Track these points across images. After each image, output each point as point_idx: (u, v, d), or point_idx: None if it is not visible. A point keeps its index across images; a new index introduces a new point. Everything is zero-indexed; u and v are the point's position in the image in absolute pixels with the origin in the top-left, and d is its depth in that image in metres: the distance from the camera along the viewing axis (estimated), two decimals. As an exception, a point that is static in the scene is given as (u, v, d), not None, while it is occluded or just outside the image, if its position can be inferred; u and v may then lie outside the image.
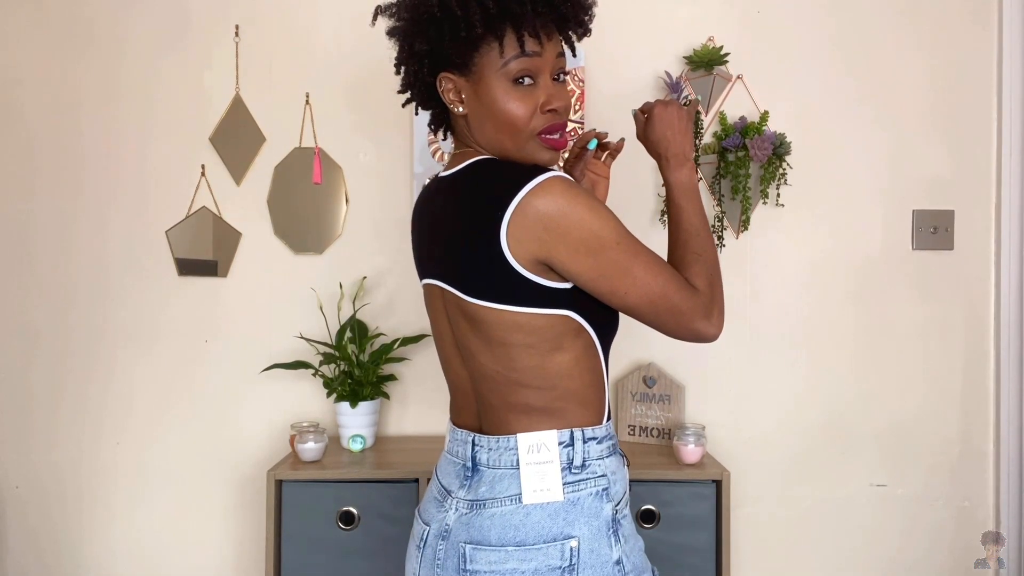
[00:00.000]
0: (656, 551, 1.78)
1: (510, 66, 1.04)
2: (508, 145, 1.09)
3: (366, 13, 2.12)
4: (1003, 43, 2.09)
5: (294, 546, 1.80)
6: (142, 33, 2.10)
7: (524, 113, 1.06)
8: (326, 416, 2.09)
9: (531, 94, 1.06)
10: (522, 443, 1.08)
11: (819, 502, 2.13)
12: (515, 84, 1.05)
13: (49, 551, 2.14)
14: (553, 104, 1.06)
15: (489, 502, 1.08)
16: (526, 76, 1.05)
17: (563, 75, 1.11)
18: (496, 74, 1.05)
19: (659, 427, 2.04)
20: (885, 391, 2.13)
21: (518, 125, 1.06)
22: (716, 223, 2.07)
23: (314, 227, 2.12)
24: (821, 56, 2.11)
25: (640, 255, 1.06)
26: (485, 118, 1.08)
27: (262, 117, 2.10)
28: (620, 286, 1.06)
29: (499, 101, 1.06)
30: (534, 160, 1.09)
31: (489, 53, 1.05)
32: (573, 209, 1.02)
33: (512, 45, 1.04)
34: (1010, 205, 2.10)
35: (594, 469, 1.09)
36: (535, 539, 1.05)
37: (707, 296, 1.10)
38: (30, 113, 2.11)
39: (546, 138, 1.08)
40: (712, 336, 1.11)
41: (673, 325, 1.10)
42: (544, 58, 1.06)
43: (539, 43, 1.05)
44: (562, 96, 1.09)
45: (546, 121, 1.07)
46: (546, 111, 1.07)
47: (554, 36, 1.08)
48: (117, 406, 2.13)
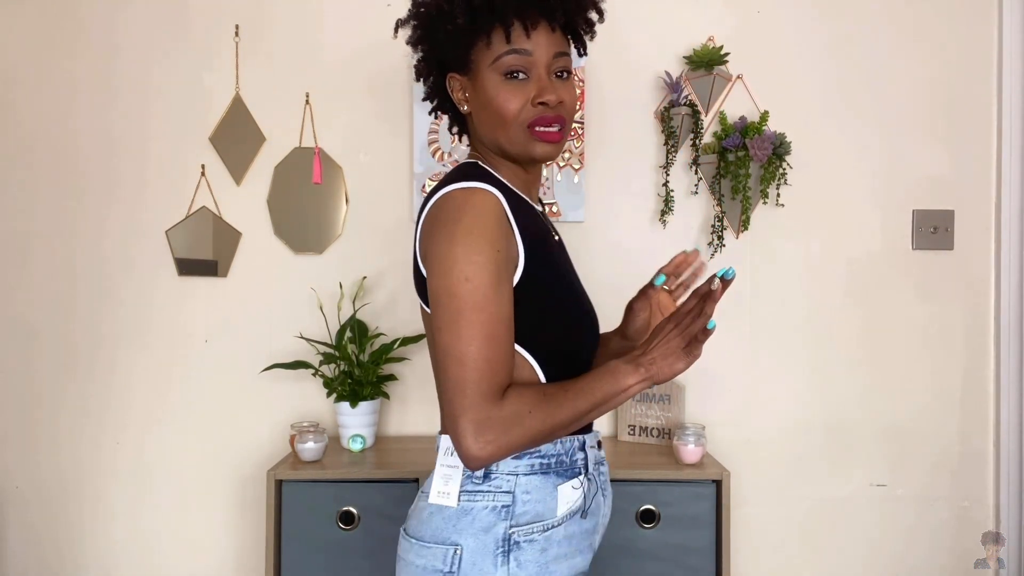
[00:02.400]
0: (656, 551, 1.79)
1: (500, 61, 1.06)
2: (502, 139, 1.09)
3: (366, 13, 2.14)
4: (1003, 43, 2.10)
5: (294, 546, 1.80)
6: (142, 33, 2.10)
7: (514, 106, 1.06)
8: (326, 416, 2.09)
9: (522, 88, 1.07)
10: (442, 444, 1.10)
11: (819, 502, 2.13)
12: (507, 78, 1.07)
13: (49, 551, 2.14)
14: (544, 97, 1.06)
15: (420, 495, 1.12)
16: (518, 71, 1.06)
17: (566, 73, 1.10)
18: (489, 69, 1.07)
19: (659, 427, 2.04)
20: (885, 391, 2.13)
21: (507, 117, 1.07)
22: (716, 223, 2.07)
23: (314, 227, 2.12)
24: (821, 56, 2.11)
25: (480, 311, 0.96)
26: (482, 113, 1.10)
27: (262, 117, 2.10)
28: (442, 324, 0.98)
29: (491, 95, 1.07)
30: (529, 154, 1.09)
31: (483, 50, 1.07)
32: (452, 226, 0.99)
33: (500, 40, 1.05)
34: (1010, 205, 2.10)
35: (499, 484, 1.05)
36: (430, 538, 1.06)
37: (503, 421, 0.95)
38: (29, 113, 2.11)
39: (536, 130, 1.07)
40: (465, 453, 0.95)
41: (447, 408, 0.99)
42: (536, 55, 1.06)
43: (528, 38, 1.05)
44: (560, 92, 1.08)
45: (536, 113, 1.07)
46: (536, 104, 1.06)
47: (551, 32, 1.08)
48: (117, 406, 2.13)
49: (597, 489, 1.13)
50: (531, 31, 1.05)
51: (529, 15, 1.05)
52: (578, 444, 1.12)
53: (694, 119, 2.05)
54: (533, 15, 1.05)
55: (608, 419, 2.10)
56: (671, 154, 2.07)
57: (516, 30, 1.05)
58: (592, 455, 1.14)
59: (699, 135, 2.06)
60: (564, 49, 1.10)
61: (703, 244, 2.11)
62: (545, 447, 1.07)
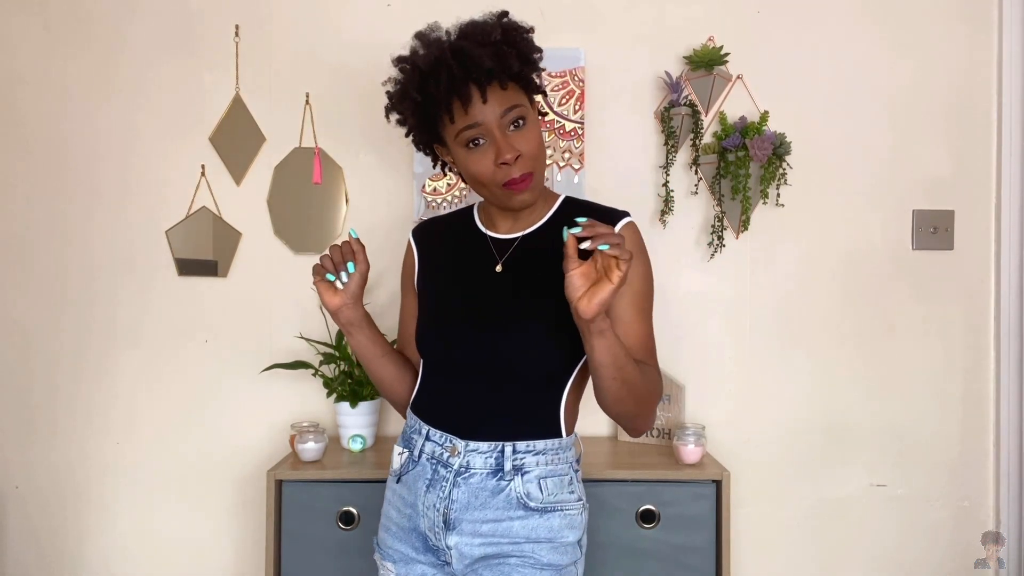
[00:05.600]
0: (656, 551, 1.79)
1: (459, 136, 1.19)
2: (485, 194, 1.26)
3: (366, 13, 2.14)
4: (1003, 43, 2.10)
5: (294, 546, 1.80)
6: (142, 33, 2.10)
7: (484, 170, 1.20)
8: (326, 416, 2.09)
9: (485, 153, 1.19)
10: None
11: (819, 502, 2.14)
12: (469, 148, 1.20)
13: (49, 551, 2.14)
14: (502, 158, 1.17)
15: None
16: (475, 139, 1.19)
17: (521, 121, 1.19)
18: (454, 143, 1.22)
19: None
20: (885, 391, 2.13)
21: (483, 181, 1.21)
22: (716, 223, 2.07)
23: (314, 227, 2.12)
24: (821, 56, 2.11)
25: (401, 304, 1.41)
26: (465, 177, 1.26)
27: (262, 117, 2.10)
28: None
29: (463, 164, 1.23)
30: (508, 206, 1.25)
31: (445, 128, 1.21)
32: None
33: (449, 121, 1.19)
34: (1010, 205, 2.10)
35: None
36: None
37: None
38: (28, 112, 2.11)
39: (508, 186, 1.20)
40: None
41: None
42: (485, 120, 1.17)
43: (467, 112, 1.16)
44: (517, 144, 1.18)
45: (505, 175, 1.19)
46: (499, 165, 1.18)
47: (497, 91, 1.17)
48: (117, 406, 2.13)
49: (414, 469, 1.31)
50: (468, 106, 1.16)
51: (462, 92, 1.15)
52: (419, 428, 1.31)
53: (694, 119, 2.05)
54: (465, 91, 1.15)
55: (608, 419, 2.10)
56: (671, 154, 2.07)
57: (457, 110, 1.17)
58: (430, 448, 1.29)
59: (699, 135, 2.06)
60: (510, 104, 1.18)
61: (703, 244, 2.11)
62: (401, 441, 1.36)
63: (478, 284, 1.30)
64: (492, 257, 1.32)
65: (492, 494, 1.24)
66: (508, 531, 1.23)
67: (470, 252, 1.34)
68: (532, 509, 1.23)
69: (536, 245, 1.29)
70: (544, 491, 1.24)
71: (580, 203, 1.35)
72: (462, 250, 1.36)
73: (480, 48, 1.15)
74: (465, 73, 1.14)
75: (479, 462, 1.24)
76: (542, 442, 1.25)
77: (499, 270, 1.29)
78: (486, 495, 1.24)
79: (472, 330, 1.26)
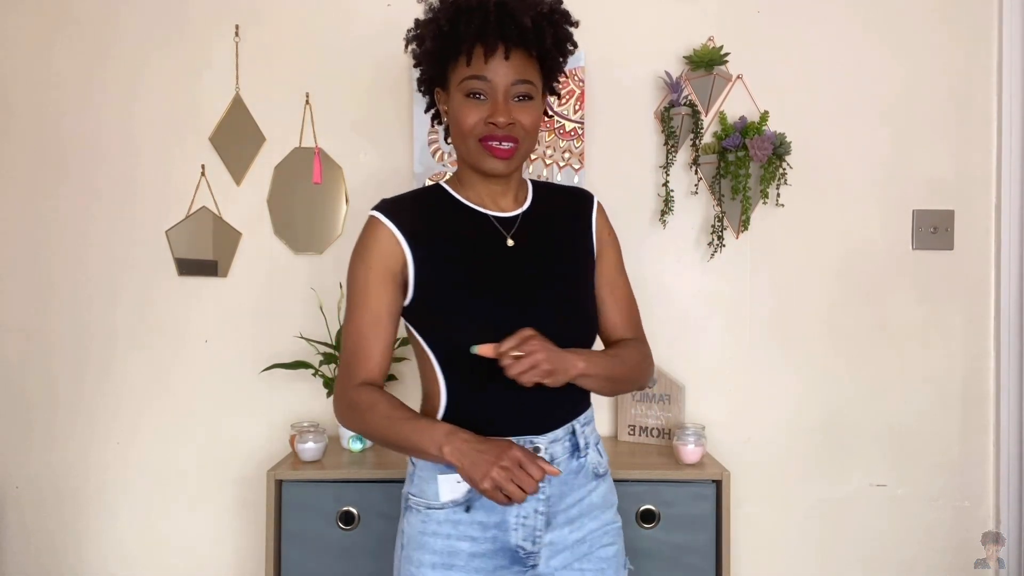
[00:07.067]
0: (656, 551, 1.79)
1: (464, 83, 1.19)
2: (461, 150, 1.25)
3: (366, 13, 2.14)
4: (1003, 43, 2.10)
5: (294, 546, 1.80)
6: (142, 33, 2.10)
7: (471, 121, 1.20)
8: (326, 416, 2.09)
9: (480, 107, 1.19)
10: None
11: (819, 502, 2.13)
12: (468, 98, 1.20)
13: (49, 551, 2.14)
14: (494, 118, 1.18)
15: None
16: (479, 93, 1.19)
17: (526, 98, 1.20)
18: (456, 88, 1.21)
19: (659, 427, 2.04)
20: (885, 391, 2.13)
21: (464, 131, 1.21)
22: (716, 223, 2.07)
23: (314, 227, 2.12)
24: (821, 56, 2.11)
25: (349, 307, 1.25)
26: (451, 125, 1.25)
27: (262, 117, 2.10)
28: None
29: (455, 110, 1.22)
30: (479, 167, 1.23)
31: (455, 70, 1.21)
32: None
33: (464, 64, 1.19)
34: (1010, 205, 2.10)
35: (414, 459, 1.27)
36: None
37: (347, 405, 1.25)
38: (28, 112, 2.11)
39: (487, 144, 1.20)
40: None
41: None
42: (495, 80, 1.18)
43: (486, 64, 1.17)
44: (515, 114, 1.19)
45: (488, 130, 1.19)
46: (488, 123, 1.19)
47: (520, 57, 1.18)
48: (117, 406, 2.13)
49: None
50: (489, 58, 1.17)
51: (488, 41, 1.16)
52: None
53: (694, 119, 2.05)
54: (491, 41, 1.16)
55: (608, 419, 2.10)
56: (671, 154, 2.07)
57: (476, 56, 1.17)
58: None
59: (699, 135, 2.06)
60: (526, 77, 1.20)
61: (703, 244, 2.11)
62: None
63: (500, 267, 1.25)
64: (500, 236, 1.27)
65: (575, 474, 1.27)
66: (590, 507, 1.28)
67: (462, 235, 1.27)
68: (599, 476, 1.32)
69: (534, 221, 1.30)
70: (603, 455, 1.34)
71: (547, 185, 1.39)
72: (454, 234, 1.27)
73: (524, 10, 1.16)
74: (500, 25, 1.15)
75: (559, 449, 1.26)
76: (588, 411, 1.33)
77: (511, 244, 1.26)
78: (570, 477, 1.27)
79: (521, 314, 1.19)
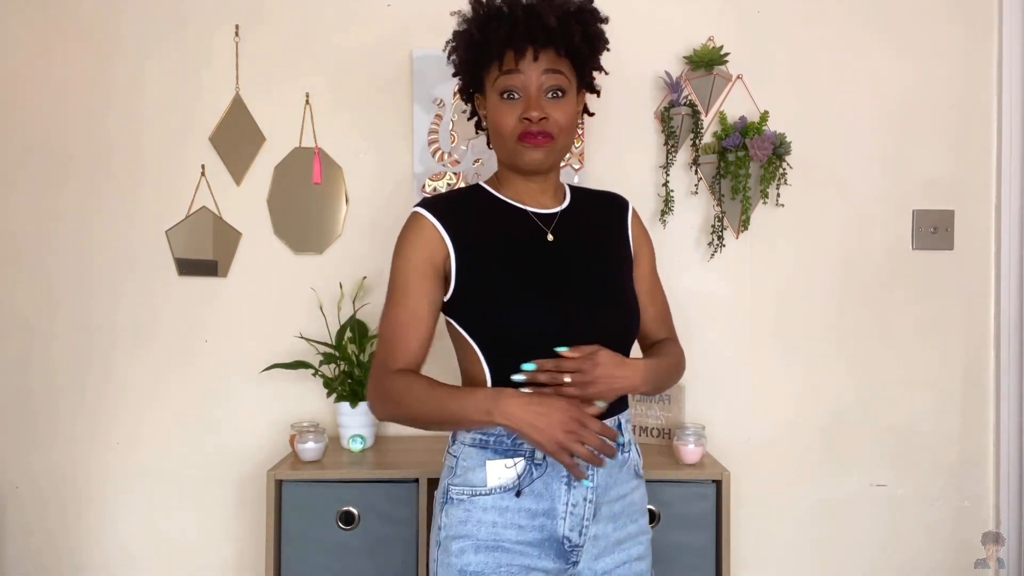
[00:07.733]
0: (656, 551, 1.78)
1: (498, 83, 1.23)
2: (500, 150, 1.29)
3: (366, 13, 2.14)
4: (1003, 43, 2.10)
5: (294, 546, 1.80)
6: (141, 33, 2.10)
7: (508, 121, 1.23)
8: (326, 416, 2.09)
9: (515, 107, 1.22)
10: None
11: (819, 502, 2.13)
12: (503, 99, 1.23)
13: (49, 551, 2.14)
14: (527, 113, 1.21)
15: None
16: (512, 92, 1.22)
17: (559, 92, 1.23)
18: (492, 90, 1.25)
19: (659, 427, 2.04)
20: (885, 391, 2.13)
21: (503, 131, 1.24)
22: (716, 223, 2.07)
23: (314, 227, 2.12)
24: (821, 56, 2.11)
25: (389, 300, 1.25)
26: (490, 128, 1.29)
27: (262, 117, 2.10)
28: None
29: (493, 112, 1.26)
30: (519, 161, 1.26)
31: (489, 75, 1.25)
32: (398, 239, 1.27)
33: (496, 68, 1.23)
34: (1010, 205, 2.10)
35: (454, 450, 1.26)
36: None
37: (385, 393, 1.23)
38: (28, 112, 2.11)
39: (523, 139, 1.23)
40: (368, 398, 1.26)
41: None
42: (527, 77, 1.21)
43: (517, 64, 1.20)
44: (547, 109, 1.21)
45: (523, 127, 1.22)
46: (522, 119, 1.22)
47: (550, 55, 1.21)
48: (117, 406, 2.13)
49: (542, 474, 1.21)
50: (520, 59, 1.20)
51: (517, 44, 1.19)
52: None
53: (694, 119, 2.05)
54: (520, 43, 1.19)
55: (608, 419, 2.10)
56: (671, 154, 2.07)
57: (508, 59, 1.21)
58: None
59: (699, 135, 2.06)
60: (559, 70, 1.22)
61: (703, 244, 2.11)
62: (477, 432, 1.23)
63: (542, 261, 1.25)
64: (540, 231, 1.28)
65: (619, 467, 1.27)
66: (631, 507, 1.29)
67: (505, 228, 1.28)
68: (639, 476, 1.32)
69: (573, 220, 1.33)
70: (641, 457, 1.34)
71: (583, 189, 1.43)
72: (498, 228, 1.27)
73: (550, 10, 1.19)
74: (528, 28, 1.18)
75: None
76: (628, 409, 1.33)
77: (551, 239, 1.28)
78: (615, 470, 1.27)
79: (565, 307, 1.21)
